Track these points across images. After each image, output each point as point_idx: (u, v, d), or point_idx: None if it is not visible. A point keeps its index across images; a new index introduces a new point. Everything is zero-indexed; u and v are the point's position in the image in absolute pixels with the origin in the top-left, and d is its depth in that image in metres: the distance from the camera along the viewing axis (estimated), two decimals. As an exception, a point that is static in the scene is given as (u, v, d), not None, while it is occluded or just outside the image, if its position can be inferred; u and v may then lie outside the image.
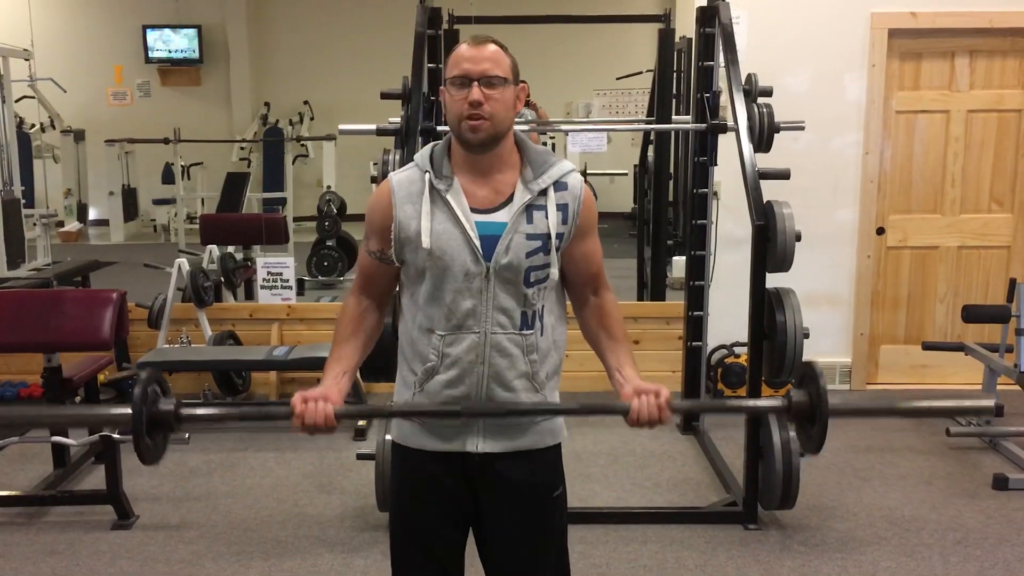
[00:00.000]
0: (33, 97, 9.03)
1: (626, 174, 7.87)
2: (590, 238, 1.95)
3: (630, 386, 1.87)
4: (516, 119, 1.90)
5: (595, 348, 2.00)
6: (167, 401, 1.87)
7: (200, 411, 1.95)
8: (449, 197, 1.84)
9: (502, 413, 1.86)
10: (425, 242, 1.82)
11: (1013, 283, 4.29)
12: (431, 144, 1.94)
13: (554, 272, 1.87)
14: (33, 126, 9.37)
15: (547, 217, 1.85)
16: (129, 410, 1.80)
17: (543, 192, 1.86)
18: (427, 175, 1.86)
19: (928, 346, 4.71)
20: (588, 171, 8.78)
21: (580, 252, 1.93)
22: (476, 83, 1.80)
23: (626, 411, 1.84)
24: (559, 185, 1.88)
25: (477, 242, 1.82)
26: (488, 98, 1.80)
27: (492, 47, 1.83)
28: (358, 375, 2.13)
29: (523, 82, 1.92)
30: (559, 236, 1.86)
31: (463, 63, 1.81)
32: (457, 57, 1.84)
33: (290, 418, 1.83)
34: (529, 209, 1.85)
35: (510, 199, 1.86)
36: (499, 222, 1.84)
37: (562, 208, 1.87)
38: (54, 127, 9.77)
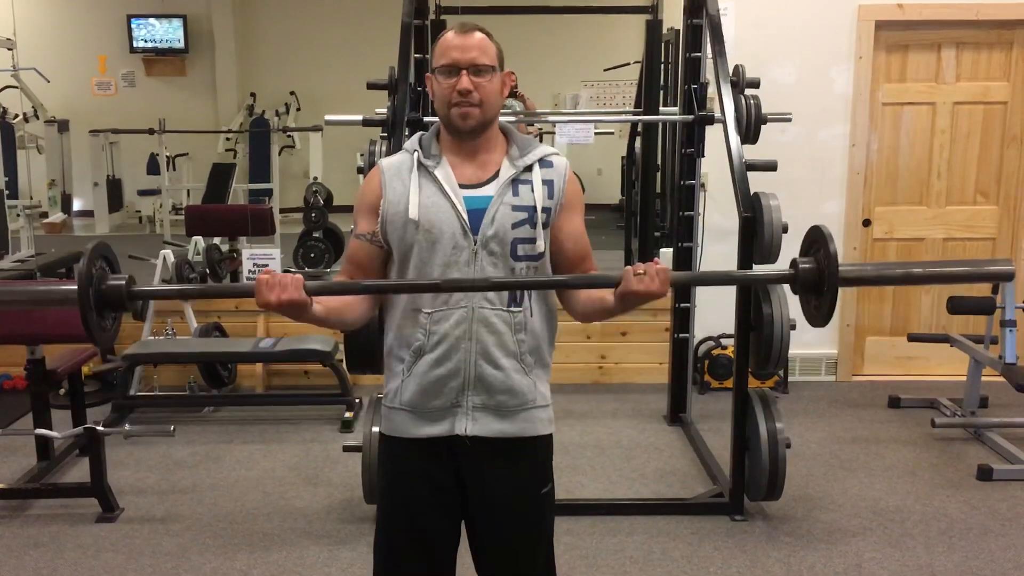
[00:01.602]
0: (16, 87, 8.95)
1: (612, 133, 7.83)
2: (576, 216, 1.95)
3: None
4: (503, 110, 1.90)
5: (594, 306, 1.92)
6: (117, 277, 1.81)
7: (155, 288, 1.87)
8: (437, 173, 1.87)
9: (487, 286, 1.81)
10: (413, 213, 1.83)
11: (998, 275, 4.30)
12: (419, 132, 1.97)
13: (540, 244, 1.87)
14: (16, 116, 9.28)
15: (533, 191, 1.87)
16: (75, 286, 1.72)
17: (528, 168, 1.89)
18: (416, 154, 1.89)
19: (914, 338, 4.73)
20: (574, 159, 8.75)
21: (568, 231, 1.93)
22: (465, 72, 1.82)
23: (619, 280, 1.78)
24: (544, 162, 1.91)
25: (465, 215, 1.83)
26: (477, 86, 1.83)
27: (479, 35, 1.86)
28: (343, 367, 2.11)
29: (510, 72, 1.93)
30: (545, 210, 1.88)
31: (451, 51, 1.83)
32: (444, 45, 1.85)
33: (255, 296, 1.74)
34: (515, 183, 1.87)
35: (496, 175, 1.88)
36: (486, 196, 1.86)
37: (547, 183, 1.90)
38: (38, 117, 9.68)
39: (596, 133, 5.10)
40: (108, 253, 1.83)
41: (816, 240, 1.84)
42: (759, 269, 3.44)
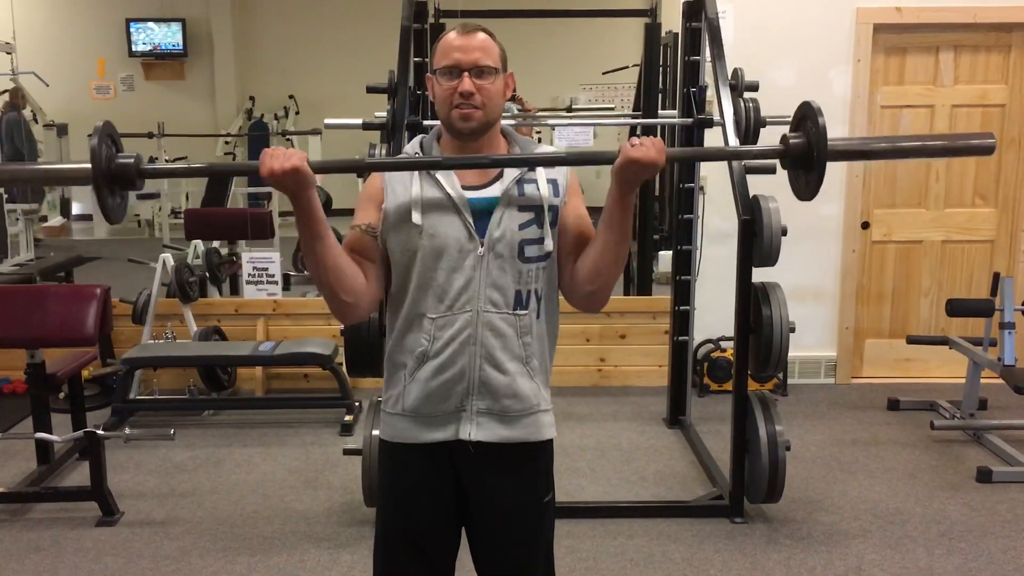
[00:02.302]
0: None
1: (612, 108, 7.81)
2: (580, 202, 1.92)
3: None
4: (503, 113, 1.90)
5: (593, 252, 1.85)
6: (126, 156, 1.84)
7: (161, 167, 1.93)
8: (439, 176, 1.83)
9: (486, 164, 1.80)
10: (416, 218, 1.80)
11: (997, 277, 4.32)
12: (420, 136, 1.95)
13: (548, 244, 1.85)
14: (16, 120, 9.29)
15: (539, 188, 1.85)
16: (88, 165, 1.76)
17: (532, 168, 1.87)
18: (417, 156, 1.88)
19: (913, 340, 4.73)
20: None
21: (573, 215, 1.89)
22: (467, 73, 1.79)
23: (616, 155, 1.76)
24: None
25: (470, 218, 1.81)
26: (479, 88, 1.80)
27: (481, 35, 1.83)
28: (343, 370, 2.10)
29: (512, 73, 1.92)
30: (552, 209, 1.85)
31: (453, 52, 1.81)
32: (446, 46, 1.83)
33: (259, 170, 1.73)
34: (520, 183, 1.85)
35: (500, 175, 1.86)
36: (490, 197, 1.83)
37: (552, 182, 1.87)
38: (37, 121, 9.70)
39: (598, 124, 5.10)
40: (113, 133, 1.86)
41: (806, 115, 1.84)
42: (760, 273, 3.45)
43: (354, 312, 1.87)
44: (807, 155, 1.81)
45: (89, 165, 1.76)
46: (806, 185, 1.85)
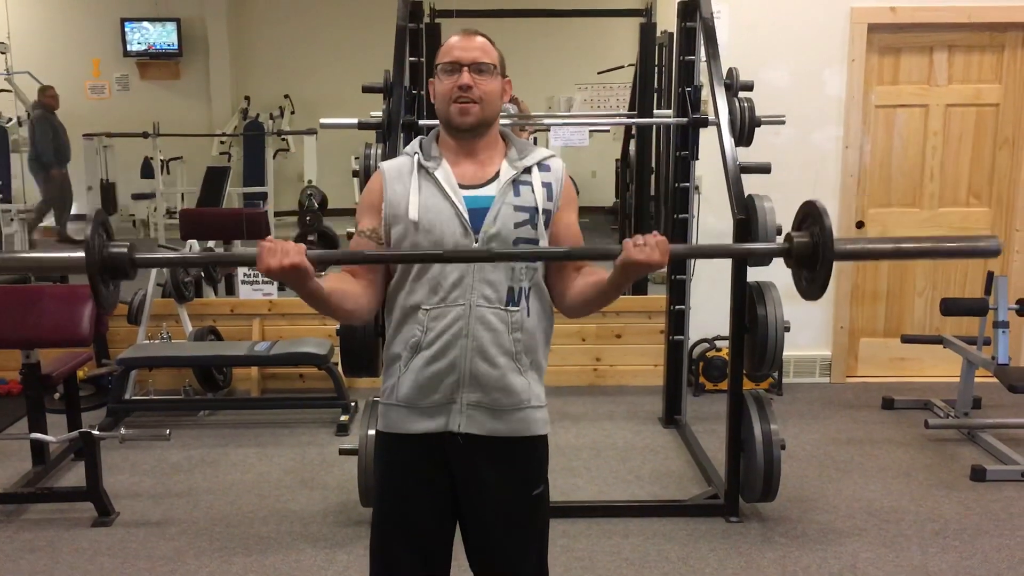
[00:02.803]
0: (10, 91, 8.94)
1: (607, 131, 7.80)
2: (571, 214, 1.98)
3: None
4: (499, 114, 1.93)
5: (586, 293, 1.91)
6: (118, 244, 1.82)
7: (156, 255, 1.90)
8: (437, 174, 1.89)
9: (489, 256, 1.81)
10: (413, 214, 1.85)
11: (991, 276, 4.33)
12: (419, 137, 2.01)
13: (542, 244, 1.89)
14: (10, 120, 9.27)
15: (533, 191, 1.90)
16: (82, 253, 1.75)
17: (528, 170, 1.92)
18: (416, 156, 1.92)
19: (907, 339, 4.75)
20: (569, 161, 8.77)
21: (562, 227, 1.95)
22: (466, 68, 1.86)
23: (619, 251, 1.76)
24: (543, 166, 1.94)
25: (465, 215, 1.86)
26: (477, 83, 1.87)
27: (481, 39, 1.92)
28: (339, 370, 2.11)
29: (509, 80, 1.96)
30: (546, 212, 1.90)
31: (454, 51, 1.89)
32: (447, 47, 1.91)
33: (256, 263, 1.73)
34: (516, 184, 1.90)
35: (497, 176, 1.91)
36: (487, 196, 1.88)
37: (546, 186, 1.92)
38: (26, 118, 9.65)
39: (595, 131, 5.10)
40: (106, 222, 1.85)
41: (810, 214, 1.83)
42: (754, 273, 3.46)
43: (354, 319, 1.96)
44: (812, 256, 1.79)
45: (83, 254, 1.74)
46: (810, 284, 1.84)
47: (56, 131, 9.35)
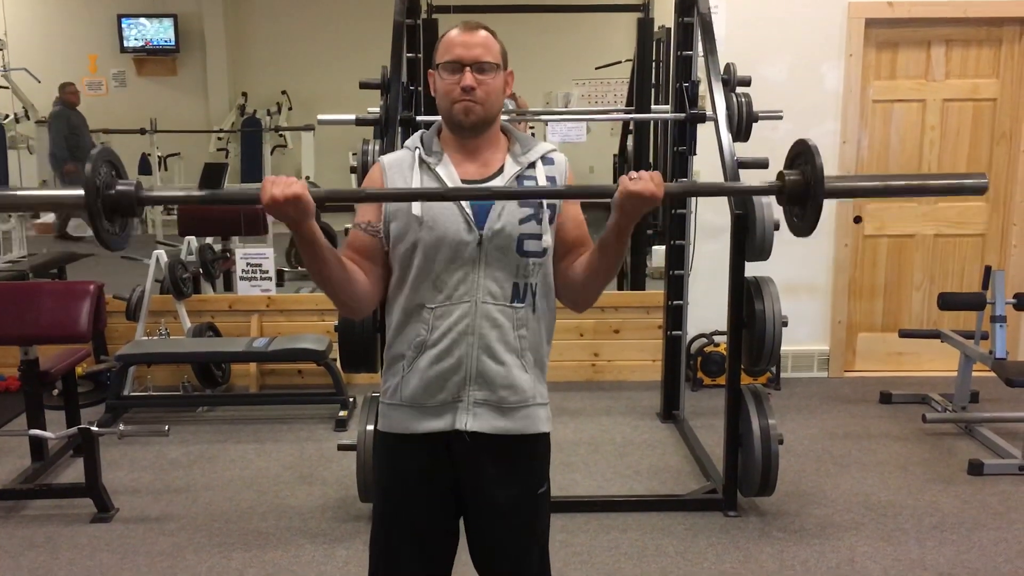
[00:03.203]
0: (7, 87, 8.92)
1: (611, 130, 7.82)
2: (576, 205, 1.97)
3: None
4: None
5: (592, 258, 1.90)
6: (126, 182, 1.77)
7: (163, 194, 1.84)
8: (439, 170, 1.87)
9: (492, 195, 1.80)
10: (416, 210, 1.83)
11: (988, 270, 4.34)
12: (420, 131, 1.97)
13: (547, 241, 1.88)
14: (7, 117, 9.25)
15: (537, 186, 1.88)
16: (81, 191, 1.67)
17: (532, 165, 1.90)
18: (417, 151, 1.90)
19: (905, 334, 4.75)
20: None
21: (568, 216, 1.94)
22: (468, 68, 1.83)
23: (615, 189, 1.76)
24: (546, 160, 1.93)
25: (469, 211, 1.83)
26: (480, 83, 1.83)
27: (483, 33, 1.87)
28: (338, 365, 2.11)
29: (511, 71, 1.94)
30: (550, 207, 1.89)
31: (455, 48, 1.84)
32: (449, 42, 1.86)
33: (259, 202, 1.71)
34: (520, 179, 1.88)
35: (500, 171, 1.89)
36: None
37: (551, 180, 1.91)
38: (28, 118, 9.64)
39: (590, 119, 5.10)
40: (114, 159, 1.79)
41: (802, 152, 1.85)
42: (752, 267, 3.47)
43: (357, 312, 1.93)
44: (804, 193, 1.82)
45: (82, 192, 1.68)
46: (802, 221, 1.87)
47: (73, 127, 9.38)
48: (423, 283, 1.85)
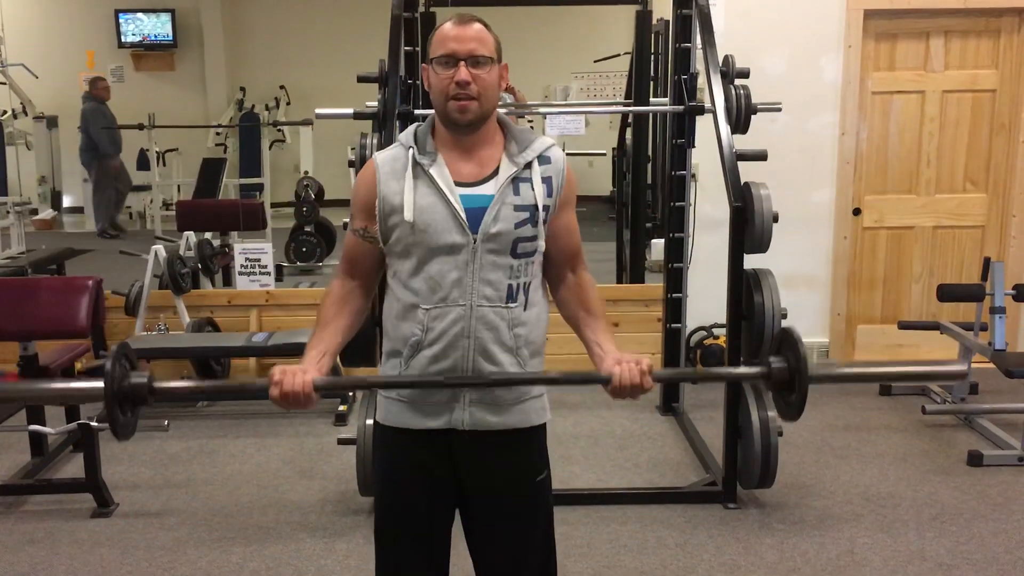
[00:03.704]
0: (4, 83, 8.92)
1: (604, 154, 7.86)
2: (570, 213, 1.97)
3: (610, 358, 1.87)
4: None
5: (573, 325, 2.00)
6: (139, 375, 1.83)
7: (174, 384, 1.93)
8: (433, 171, 1.84)
9: (486, 383, 1.85)
10: (408, 215, 1.82)
11: (987, 262, 4.34)
12: (415, 124, 1.95)
13: (541, 244, 1.88)
14: (5, 113, 9.26)
15: (533, 188, 1.86)
16: (100, 384, 1.77)
17: (528, 165, 1.88)
18: (411, 151, 1.87)
19: (904, 325, 4.75)
20: (567, 150, 8.74)
21: (561, 226, 1.94)
22: (463, 63, 1.80)
23: (608, 380, 1.83)
24: (543, 159, 1.90)
25: (463, 214, 1.82)
26: (475, 77, 1.80)
27: (477, 26, 1.84)
28: (338, 360, 2.12)
29: (506, 64, 1.93)
30: (545, 208, 1.88)
31: (449, 42, 1.81)
32: (442, 36, 1.83)
33: (268, 392, 1.82)
34: (515, 181, 1.86)
35: (495, 173, 1.87)
36: (485, 195, 1.84)
37: (547, 181, 1.89)
38: (26, 113, 9.64)
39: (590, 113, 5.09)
40: (130, 354, 1.87)
41: (786, 341, 1.92)
42: (751, 260, 3.46)
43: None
44: (790, 381, 1.88)
45: (102, 384, 1.79)
46: (788, 406, 1.92)
47: (110, 121, 9.42)
48: (418, 283, 1.85)
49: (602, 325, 1.97)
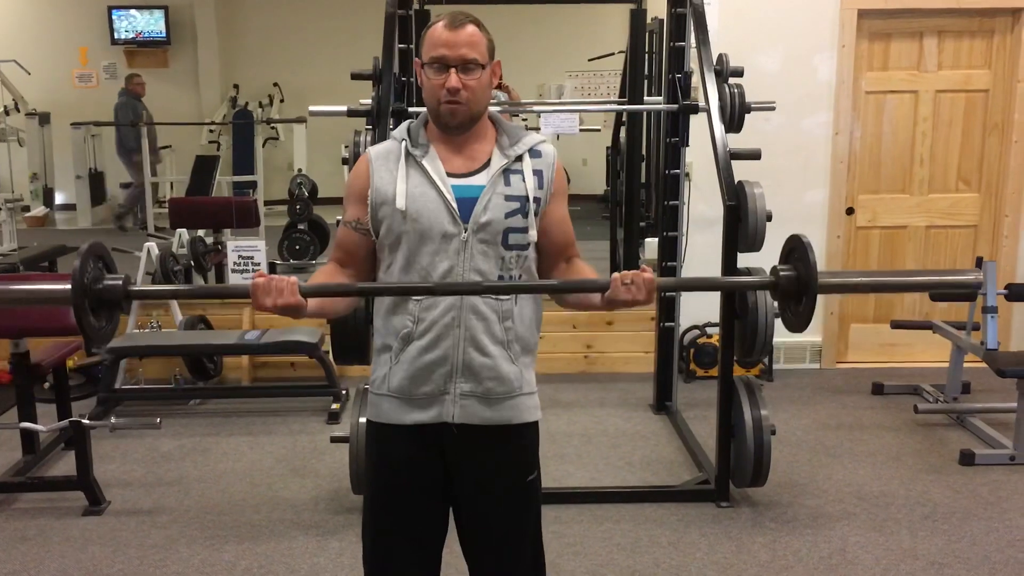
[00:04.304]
0: (-4, 79, 8.89)
1: (599, 129, 7.85)
2: (562, 205, 1.97)
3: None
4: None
5: (575, 298, 1.96)
6: (114, 277, 1.80)
7: (152, 288, 1.86)
8: (425, 163, 1.87)
9: (479, 291, 1.82)
10: (400, 203, 1.83)
11: (980, 261, 4.34)
12: (408, 120, 1.97)
13: (532, 235, 1.88)
14: (-3, 109, 9.23)
15: (524, 180, 1.88)
16: (67, 285, 1.70)
17: (519, 158, 1.89)
18: (403, 143, 1.89)
19: (897, 325, 4.76)
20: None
21: (554, 219, 1.95)
22: (454, 69, 1.81)
23: (607, 286, 1.78)
24: (534, 152, 1.92)
25: (454, 204, 1.84)
26: (465, 84, 1.82)
27: (469, 28, 1.83)
28: (329, 356, 2.11)
29: (498, 61, 1.93)
30: (536, 200, 1.89)
31: (440, 47, 1.82)
32: (434, 38, 1.84)
33: (249, 297, 1.74)
34: (506, 173, 1.88)
35: (487, 164, 1.88)
36: (476, 185, 1.86)
37: (537, 174, 1.91)
38: (18, 110, 9.61)
39: (583, 130, 5.09)
40: (103, 253, 1.80)
41: (795, 248, 1.88)
42: (745, 259, 3.46)
43: (349, 311, 2.04)
44: (797, 289, 1.85)
45: (69, 286, 1.71)
46: (795, 316, 1.89)
47: (135, 118, 9.43)
48: (409, 275, 1.87)
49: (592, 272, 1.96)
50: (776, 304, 1.97)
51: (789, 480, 3.75)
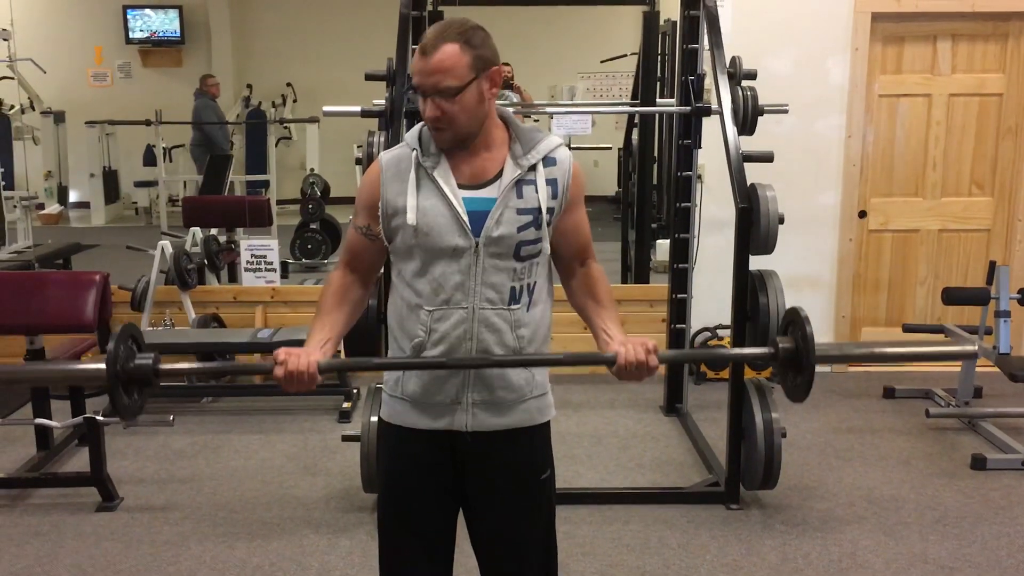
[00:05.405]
0: (12, 78, 8.93)
1: (610, 148, 7.85)
2: (579, 210, 1.95)
3: (616, 341, 1.88)
4: (499, 101, 1.90)
5: (582, 314, 2.00)
6: (144, 356, 1.87)
7: (179, 366, 1.97)
8: (436, 174, 1.84)
9: (489, 364, 1.85)
10: (411, 219, 1.82)
11: (993, 265, 4.33)
12: (420, 123, 1.93)
13: (545, 246, 1.87)
14: (12, 107, 9.27)
15: (537, 191, 1.85)
16: (103, 365, 1.81)
17: (532, 168, 1.86)
18: (415, 153, 1.87)
19: (909, 328, 4.74)
20: (572, 145, 8.73)
21: (570, 224, 1.93)
22: (428, 99, 1.80)
23: (613, 360, 1.84)
24: (548, 160, 1.88)
25: (465, 217, 1.82)
26: (443, 111, 1.79)
27: (442, 51, 1.76)
28: (342, 351, 2.14)
29: (506, 64, 1.93)
30: (549, 211, 1.87)
31: (416, 75, 1.81)
32: (413, 64, 1.85)
33: (272, 371, 1.84)
34: (519, 184, 1.85)
35: (499, 175, 1.86)
36: (488, 198, 1.84)
37: (551, 183, 1.87)
38: (34, 108, 9.67)
39: (590, 148, 5.10)
40: (136, 334, 1.92)
41: (793, 321, 1.94)
42: (756, 262, 3.46)
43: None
44: (796, 360, 1.91)
45: (104, 366, 1.82)
46: (795, 387, 1.95)
47: (220, 118, 9.53)
48: (421, 284, 1.86)
49: (610, 313, 1.97)
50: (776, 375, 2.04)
51: (799, 483, 3.75)
